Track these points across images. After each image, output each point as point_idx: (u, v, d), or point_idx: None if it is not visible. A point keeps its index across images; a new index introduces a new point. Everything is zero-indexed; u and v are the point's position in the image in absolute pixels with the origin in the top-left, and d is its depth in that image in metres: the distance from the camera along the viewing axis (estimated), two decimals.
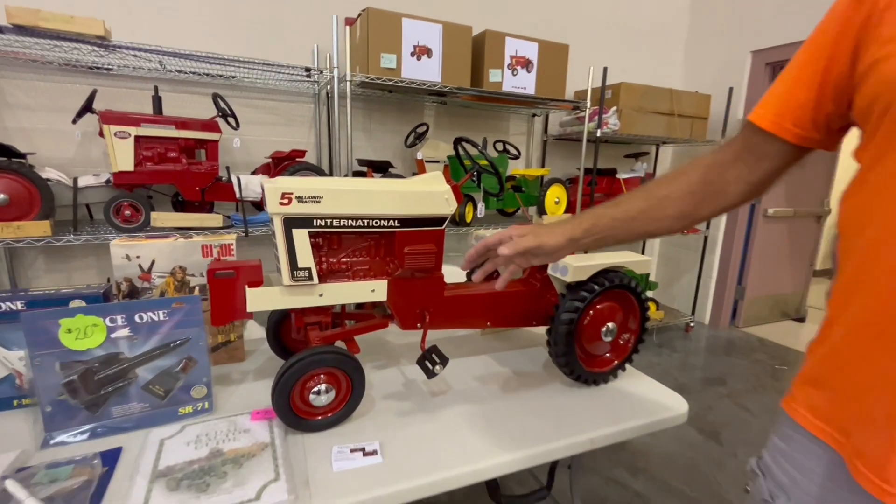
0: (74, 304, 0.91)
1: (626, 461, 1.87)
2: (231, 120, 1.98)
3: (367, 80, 2.01)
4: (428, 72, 2.13)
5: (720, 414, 2.28)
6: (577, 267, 0.98)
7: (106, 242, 1.55)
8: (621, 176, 3.02)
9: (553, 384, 1.09)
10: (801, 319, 3.84)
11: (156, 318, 0.85)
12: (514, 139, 3.04)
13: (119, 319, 0.82)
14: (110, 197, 1.77)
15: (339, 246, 0.95)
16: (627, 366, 1.13)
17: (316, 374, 0.84)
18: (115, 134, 1.72)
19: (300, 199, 0.84)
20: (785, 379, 2.78)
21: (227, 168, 2.00)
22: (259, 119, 2.32)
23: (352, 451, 0.80)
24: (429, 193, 0.96)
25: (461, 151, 1.29)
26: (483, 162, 1.19)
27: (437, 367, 0.94)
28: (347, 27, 2.01)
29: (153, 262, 1.02)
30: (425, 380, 1.08)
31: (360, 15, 2.07)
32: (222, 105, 1.95)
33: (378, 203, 0.91)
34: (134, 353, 0.84)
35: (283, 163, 2.10)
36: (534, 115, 3.02)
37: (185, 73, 2.04)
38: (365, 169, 2.34)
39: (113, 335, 0.82)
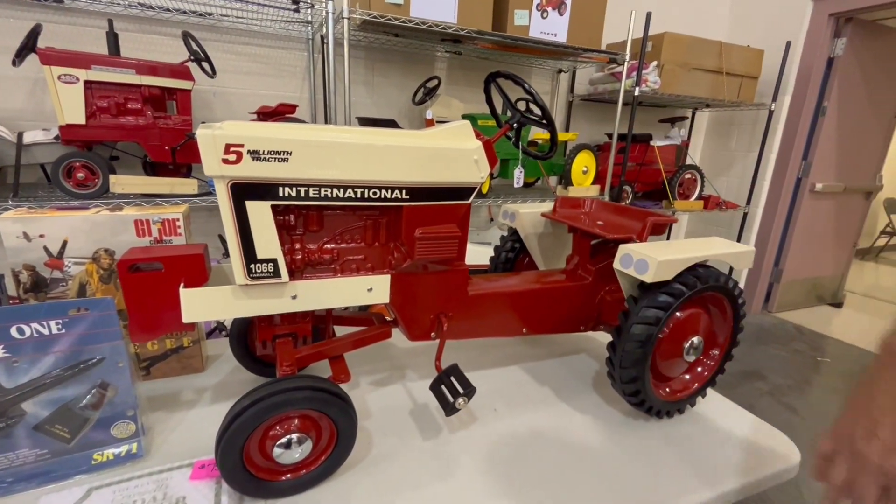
0: None
1: None
2: (206, 65, 1.65)
3: (368, 19, 1.66)
4: (442, 10, 1.77)
5: (763, 414, 2.03)
6: (662, 262, 0.68)
7: None
8: (656, 143, 2.66)
9: (609, 413, 0.81)
10: (839, 305, 3.54)
11: (45, 332, 0.57)
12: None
13: None
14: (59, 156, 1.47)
15: (321, 227, 0.65)
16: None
17: (284, 419, 0.57)
18: (60, 78, 1.40)
19: (255, 156, 0.54)
20: (829, 373, 2.51)
21: (204, 123, 1.69)
22: (242, 68, 1.98)
23: None
24: (452, 152, 0.66)
25: (497, 93, 0.96)
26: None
27: (461, 400, 0.66)
28: None
29: (65, 244, 0.73)
30: (437, 408, 0.81)
31: None
32: (194, 46, 1.62)
33: (377, 164, 0.61)
34: (16, 381, 0.57)
35: (270, 119, 1.78)
36: (560, 72, 2.65)
37: (151, 7, 1.70)
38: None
39: None
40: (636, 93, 2.31)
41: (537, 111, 1.53)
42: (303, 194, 0.59)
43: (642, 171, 2.62)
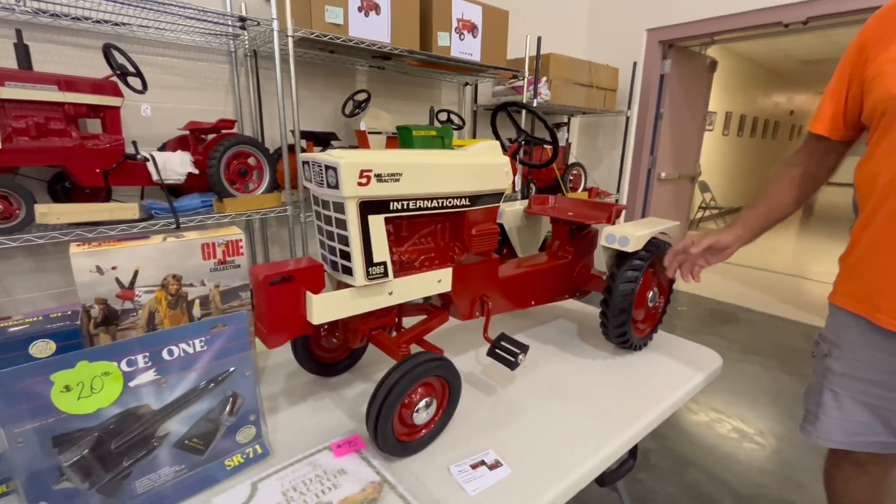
0: (38, 347, 0.62)
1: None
2: (135, 80, 1.54)
3: (310, 37, 1.72)
4: (377, 31, 1.90)
5: None
6: (638, 236, 0.97)
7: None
8: (549, 146, 3.13)
9: (602, 354, 1.09)
10: None
11: (191, 350, 0.62)
12: (447, 108, 2.93)
13: (140, 360, 0.58)
14: None
15: (410, 233, 0.79)
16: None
17: (415, 390, 0.71)
18: None
19: (379, 178, 0.67)
20: (683, 317, 3.26)
21: (135, 143, 1.57)
22: (162, 81, 1.85)
23: (472, 466, 0.70)
24: (493, 166, 0.85)
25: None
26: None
27: (521, 356, 0.86)
28: None
29: (136, 274, 0.74)
30: (481, 370, 0.99)
31: None
32: (120, 60, 1.50)
33: (454, 179, 0.77)
34: (162, 402, 0.61)
35: (210, 136, 1.72)
36: (466, 85, 2.95)
37: (61, 16, 1.51)
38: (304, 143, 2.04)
39: (132, 383, 0.58)
40: (534, 103, 2.71)
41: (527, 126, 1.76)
42: (406, 206, 0.73)
43: (541, 169, 3.06)
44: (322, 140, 2.07)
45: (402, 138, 2.25)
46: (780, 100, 8.35)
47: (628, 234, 0.97)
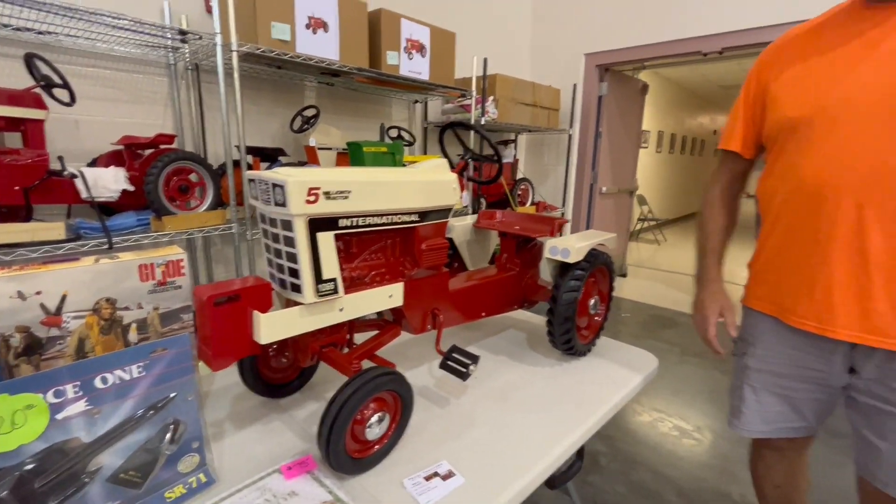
0: None
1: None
2: (62, 92, 1.44)
3: (256, 53, 1.69)
4: (325, 48, 1.90)
5: None
6: (578, 248, 1.03)
7: None
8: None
9: (547, 360, 1.13)
10: (624, 275, 4.79)
11: (127, 377, 0.59)
12: (397, 125, 2.97)
13: (69, 390, 0.54)
14: None
15: (359, 249, 0.80)
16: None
17: (367, 405, 0.71)
18: None
19: (328, 196, 0.68)
20: (630, 324, 3.44)
21: (61, 158, 1.46)
22: (93, 93, 1.74)
23: (426, 478, 0.70)
24: (442, 183, 0.88)
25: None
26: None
27: (472, 366, 0.88)
28: None
29: (64, 298, 0.69)
30: (435, 383, 1.00)
31: None
32: (45, 70, 1.40)
33: (403, 196, 0.80)
34: (94, 434, 0.57)
35: (148, 151, 1.64)
36: (415, 102, 3.00)
37: None
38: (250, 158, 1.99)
39: (60, 415, 0.54)
40: (482, 121, 2.81)
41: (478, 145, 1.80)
42: (355, 223, 0.73)
43: (487, 185, 3.15)
44: (269, 156, 2.03)
45: (352, 154, 2.26)
46: (704, 120, 9.13)
47: (569, 247, 1.03)
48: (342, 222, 0.72)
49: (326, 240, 0.70)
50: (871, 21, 0.81)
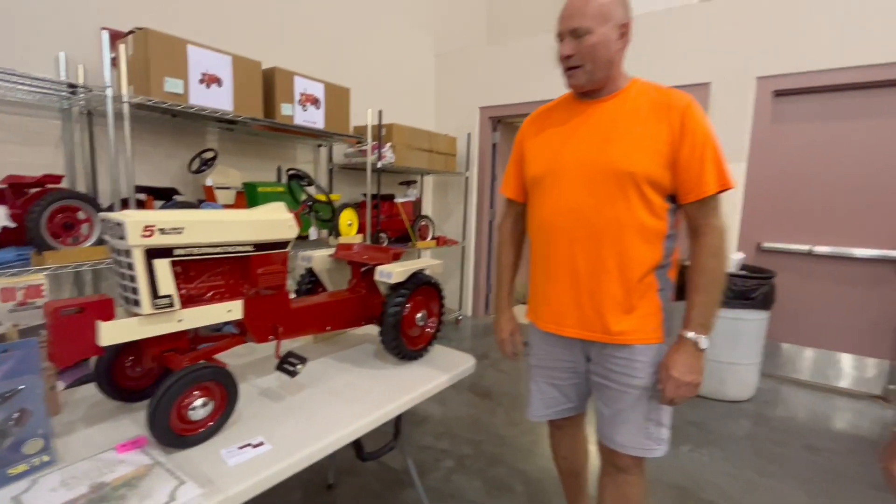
0: None
1: (431, 430, 2.31)
2: None
3: (148, 104, 1.88)
4: (219, 99, 2.13)
5: (488, 379, 3.01)
6: (399, 272, 1.32)
7: None
8: (398, 200, 3.57)
9: (385, 365, 1.39)
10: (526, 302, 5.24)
11: None
12: (302, 167, 3.21)
13: None
14: None
15: (198, 272, 1.02)
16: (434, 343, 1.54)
17: (190, 392, 0.91)
18: None
19: (163, 231, 0.91)
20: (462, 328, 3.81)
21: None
22: None
23: (240, 447, 0.92)
24: (276, 221, 1.14)
25: (294, 185, 1.48)
26: (321, 196, 1.40)
27: (299, 366, 1.12)
28: (121, 45, 1.84)
29: None
30: (281, 385, 1.22)
31: (131, 32, 1.92)
32: None
33: (235, 231, 1.04)
34: None
35: (33, 190, 1.74)
36: (319, 146, 3.27)
37: None
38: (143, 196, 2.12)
39: None
40: (378, 165, 3.13)
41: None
42: (191, 253, 0.96)
43: (391, 221, 3.46)
44: (163, 195, 2.18)
45: (248, 194, 2.46)
46: None
47: (391, 271, 1.32)
48: (178, 251, 0.94)
49: (162, 265, 0.92)
50: (576, 111, 1.19)
